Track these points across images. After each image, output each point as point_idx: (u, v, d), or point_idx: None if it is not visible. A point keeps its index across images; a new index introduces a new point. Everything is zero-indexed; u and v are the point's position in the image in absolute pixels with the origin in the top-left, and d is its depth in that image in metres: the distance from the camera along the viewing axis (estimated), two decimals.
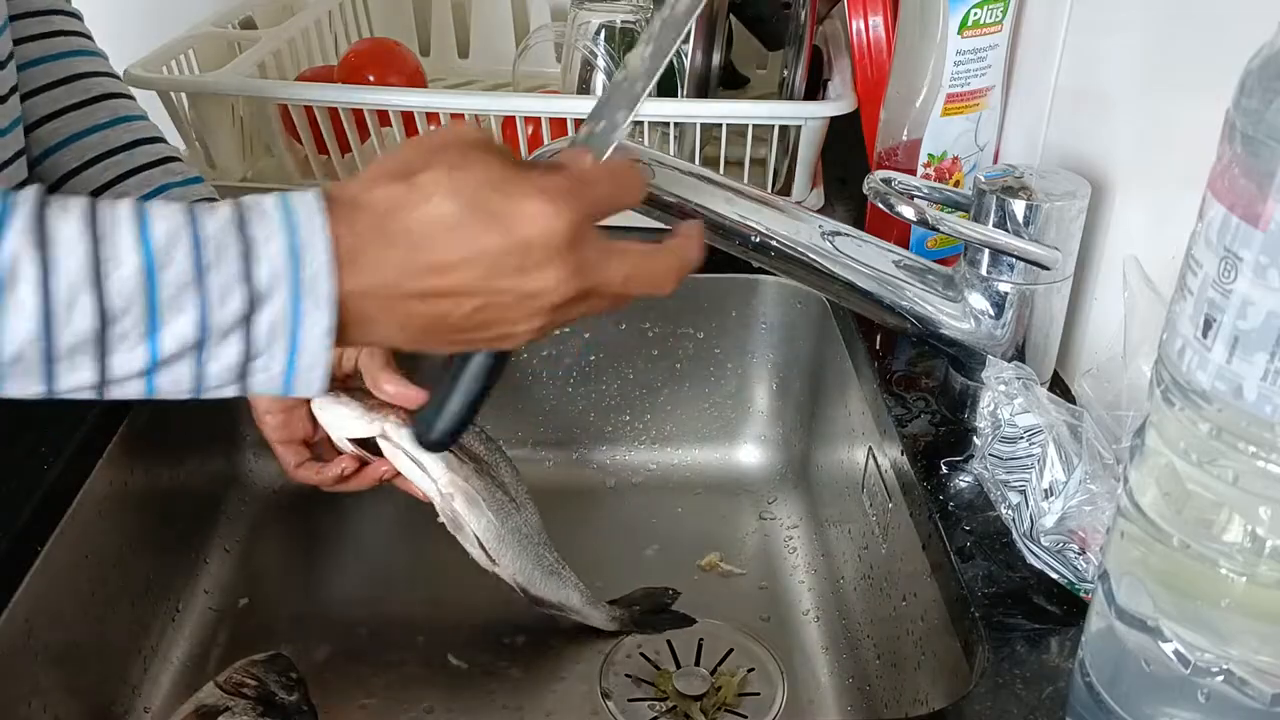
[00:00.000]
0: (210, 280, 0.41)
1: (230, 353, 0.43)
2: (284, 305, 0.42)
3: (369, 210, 0.44)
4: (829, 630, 0.80)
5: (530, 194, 0.44)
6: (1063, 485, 0.55)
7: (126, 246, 0.40)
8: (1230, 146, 0.36)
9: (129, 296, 0.40)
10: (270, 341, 0.43)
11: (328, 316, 0.43)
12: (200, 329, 0.41)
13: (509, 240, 0.44)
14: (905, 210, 0.63)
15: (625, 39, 0.92)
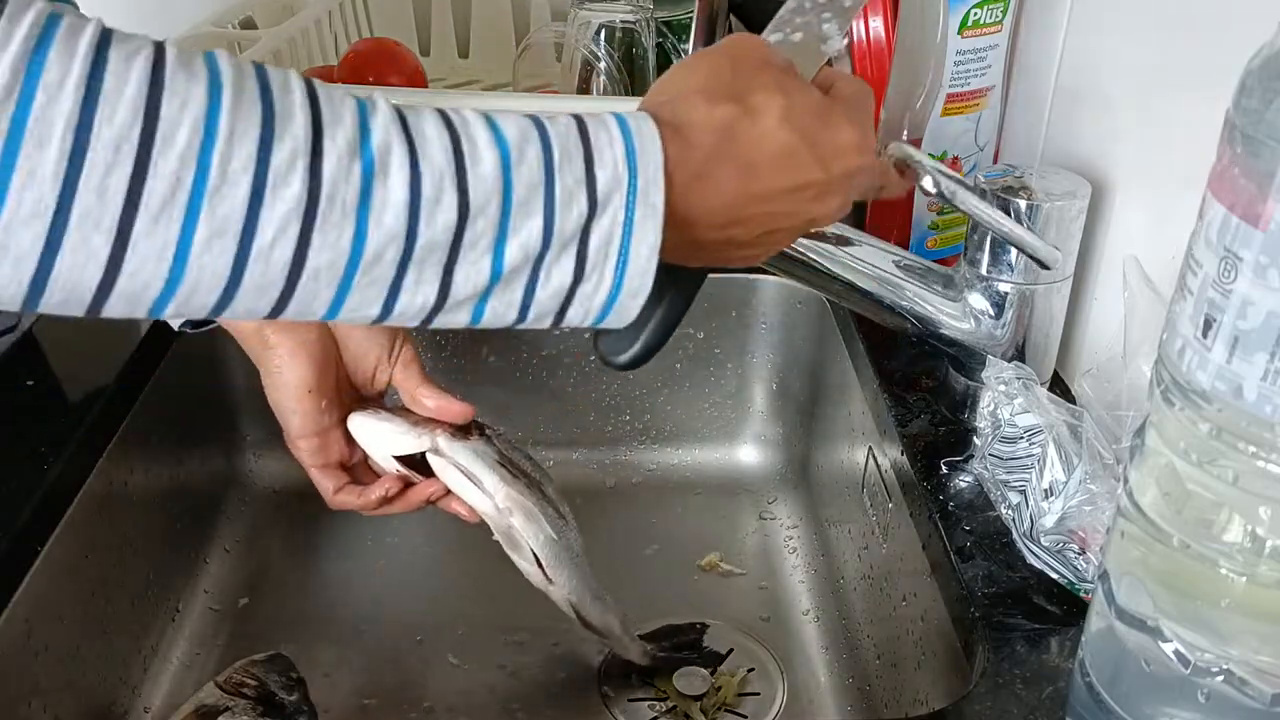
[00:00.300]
0: (557, 182, 0.40)
1: (564, 271, 0.41)
2: (619, 214, 0.41)
3: (703, 130, 0.43)
4: (829, 630, 0.80)
5: (844, 127, 0.45)
6: (1063, 485, 0.55)
7: (484, 142, 0.39)
8: (1230, 146, 0.36)
9: (487, 193, 0.39)
10: (601, 258, 0.41)
11: (656, 232, 0.41)
12: (544, 237, 0.40)
13: (828, 176, 0.45)
14: (925, 181, 0.62)
15: (625, 39, 0.92)
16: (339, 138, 0.36)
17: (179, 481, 0.82)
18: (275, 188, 0.35)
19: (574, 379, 0.95)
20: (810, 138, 0.44)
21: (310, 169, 0.35)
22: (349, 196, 0.36)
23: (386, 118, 0.38)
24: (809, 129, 0.44)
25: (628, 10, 0.92)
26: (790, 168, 0.44)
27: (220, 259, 0.35)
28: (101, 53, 0.34)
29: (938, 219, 0.82)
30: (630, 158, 0.41)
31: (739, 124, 0.43)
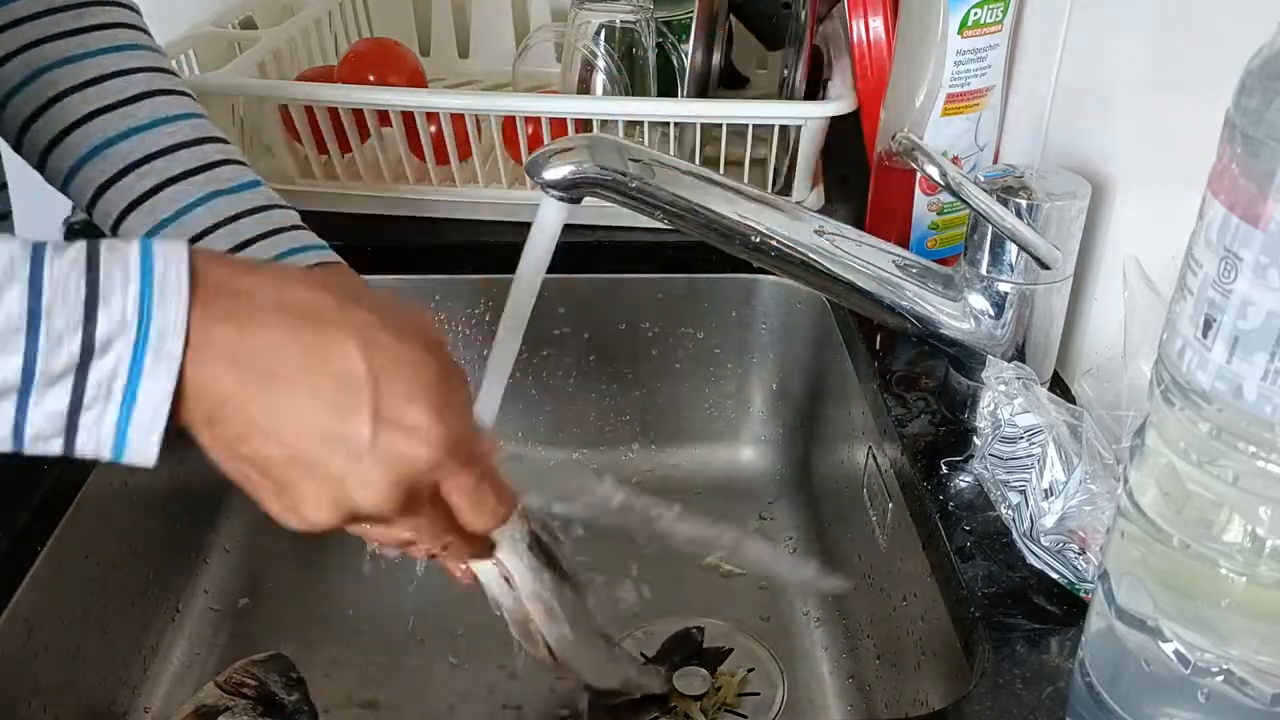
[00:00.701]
0: (42, 326, 0.37)
1: (57, 400, 0.38)
2: (124, 357, 0.38)
3: (236, 302, 0.39)
4: (829, 630, 0.80)
5: (414, 403, 0.41)
6: (1063, 485, 0.55)
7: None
8: (1230, 146, 0.36)
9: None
10: (103, 394, 0.38)
11: (170, 379, 0.38)
12: (23, 374, 0.37)
13: (373, 439, 0.40)
14: (931, 169, 0.62)
15: (625, 39, 0.92)
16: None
17: (179, 481, 0.82)
18: None
19: (574, 379, 0.95)
20: (380, 381, 0.40)
21: None
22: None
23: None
24: (384, 370, 0.40)
25: (628, 10, 0.92)
26: (341, 403, 0.40)
27: None
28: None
29: (938, 219, 0.82)
30: (145, 301, 0.38)
31: (314, 314, 0.40)
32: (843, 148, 0.95)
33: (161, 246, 0.39)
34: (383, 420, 0.40)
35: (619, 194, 0.57)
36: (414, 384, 0.41)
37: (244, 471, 0.42)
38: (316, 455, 0.40)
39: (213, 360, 0.39)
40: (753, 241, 0.61)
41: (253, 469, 0.42)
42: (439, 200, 0.92)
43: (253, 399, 0.39)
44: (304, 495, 0.42)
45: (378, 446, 0.40)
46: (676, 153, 0.91)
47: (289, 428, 0.40)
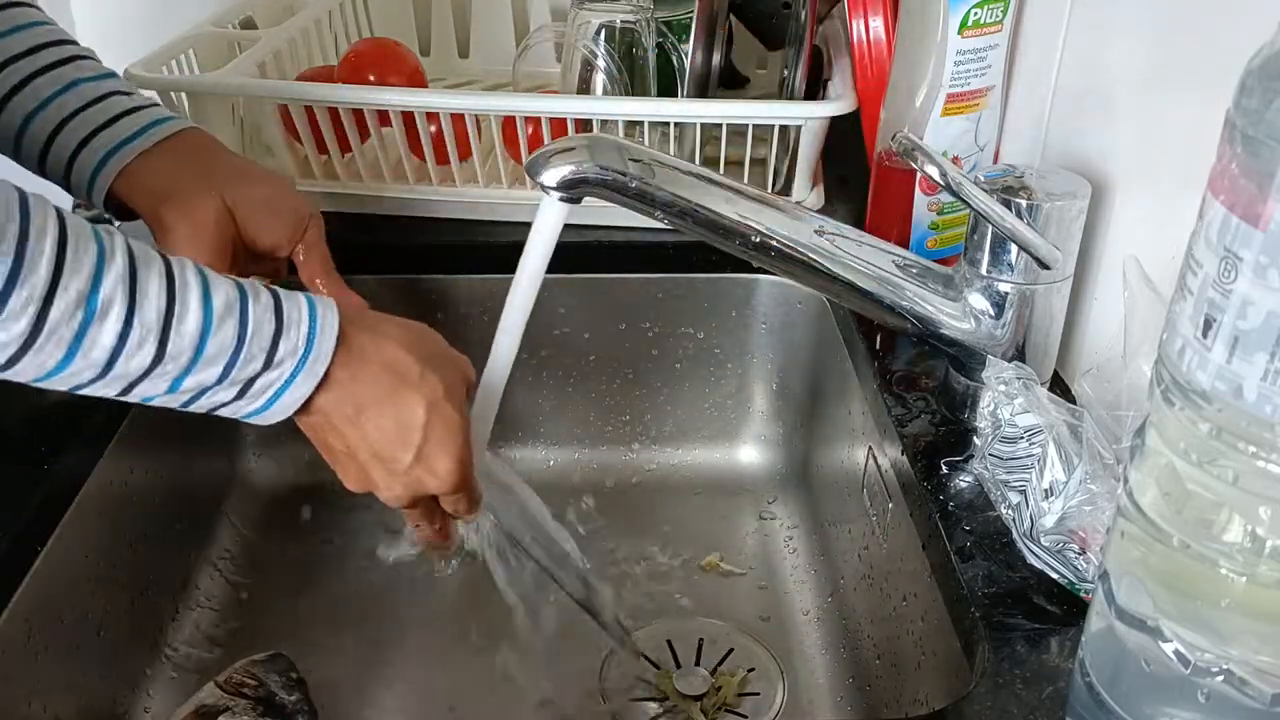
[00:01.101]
0: (244, 350, 0.50)
1: (226, 394, 0.52)
2: (285, 372, 0.52)
3: (376, 352, 0.55)
4: (829, 630, 0.80)
5: (446, 455, 0.58)
6: (1063, 485, 0.55)
7: (193, 308, 0.48)
8: (1230, 146, 0.36)
9: (183, 349, 0.48)
10: (259, 394, 0.52)
11: (309, 388, 0.53)
12: (218, 379, 0.50)
13: (406, 472, 0.58)
14: (931, 169, 0.62)
15: (625, 39, 0.92)
16: (71, 288, 0.45)
17: (179, 481, 0.82)
18: (4, 323, 0.43)
19: (574, 379, 0.95)
20: (429, 434, 0.57)
21: (39, 314, 0.44)
22: (66, 335, 0.45)
23: (119, 272, 0.46)
24: (434, 427, 0.57)
25: (628, 10, 0.92)
26: (400, 439, 0.56)
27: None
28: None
29: (938, 219, 0.82)
30: (311, 336, 0.52)
31: (403, 375, 0.56)
32: (843, 148, 0.95)
33: (321, 303, 0.54)
34: (420, 459, 0.57)
35: (619, 194, 0.57)
36: (450, 443, 0.57)
37: (324, 447, 0.58)
38: (370, 463, 0.57)
39: (333, 388, 0.54)
40: (753, 241, 0.61)
41: (329, 450, 0.58)
42: (439, 200, 0.92)
43: (345, 419, 0.55)
44: (346, 472, 0.59)
45: (410, 474, 0.58)
46: (676, 153, 0.91)
47: (363, 440, 0.56)
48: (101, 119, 0.66)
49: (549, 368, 0.94)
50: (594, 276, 0.91)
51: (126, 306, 0.46)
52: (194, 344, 0.49)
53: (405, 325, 0.59)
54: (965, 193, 0.62)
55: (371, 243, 0.91)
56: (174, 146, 0.67)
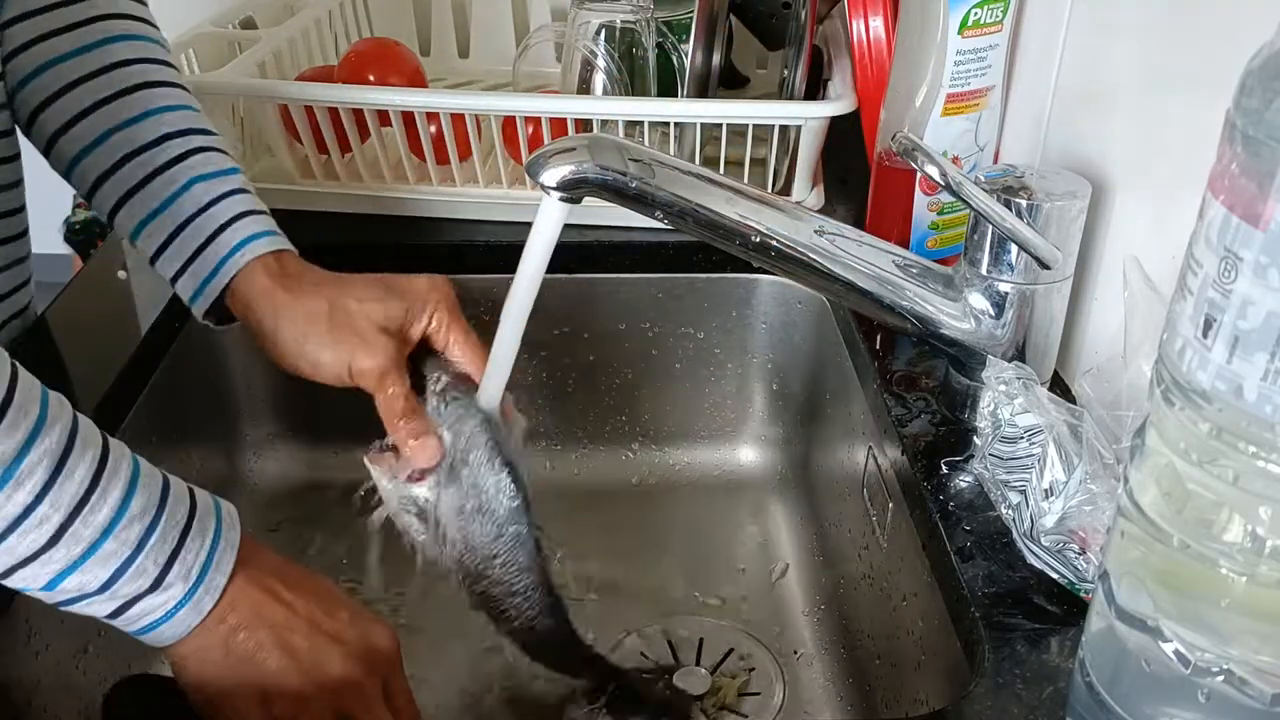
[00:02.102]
0: (138, 559, 0.49)
1: (103, 608, 0.50)
2: (172, 599, 0.50)
3: (258, 592, 0.53)
4: (829, 630, 0.80)
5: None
6: (1063, 485, 0.55)
7: (110, 503, 0.48)
8: (1230, 146, 0.36)
9: (80, 542, 0.47)
10: (138, 615, 0.50)
11: (198, 617, 0.51)
12: (101, 587, 0.48)
13: None
14: (931, 169, 0.62)
15: (625, 39, 0.92)
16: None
17: None
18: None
19: (574, 379, 0.95)
20: (310, 677, 0.53)
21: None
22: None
23: (52, 445, 0.46)
24: (314, 671, 0.54)
25: (628, 10, 0.92)
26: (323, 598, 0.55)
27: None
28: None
29: (938, 219, 0.82)
30: (206, 565, 0.51)
31: (266, 635, 0.53)
32: (843, 148, 0.95)
33: (227, 531, 0.52)
34: (357, 621, 0.56)
35: (619, 194, 0.57)
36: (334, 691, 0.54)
37: (229, 666, 0.53)
38: (312, 637, 0.54)
39: (231, 613, 0.52)
40: (753, 241, 0.61)
41: (242, 663, 0.53)
42: (439, 200, 0.92)
43: (273, 588, 0.54)
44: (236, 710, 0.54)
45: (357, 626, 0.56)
46: (677, 153, 0.91)
47: (295, 612, 0.54)
48: (202, 235, 0.66)
49: (549, 368, 0.94)
50: (594, 276, 0.91)
51: (46, 478, 0.46)
52: (95, 537, 0.47)
53: (303, 582, 0.56)
54: (965, 193, 0.62)
55: (371, 243, 0.90)
56: (269, 263, 0.67)
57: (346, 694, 0.54)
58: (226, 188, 0.67)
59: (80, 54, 0.66)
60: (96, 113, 0.66)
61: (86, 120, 0.66)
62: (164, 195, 0.66)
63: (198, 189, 0.66)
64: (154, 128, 0.67)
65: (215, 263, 0.66)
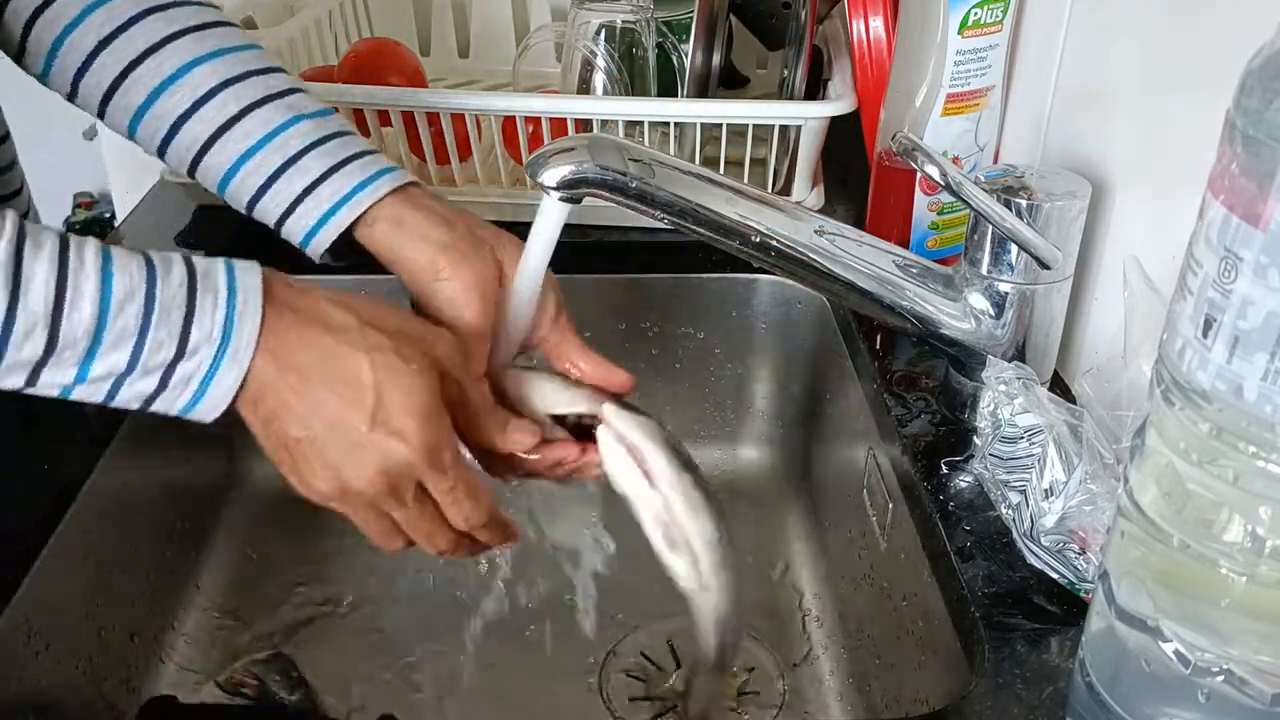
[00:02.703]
0: (150, 334, 0.47)
1: (147, 384, 0.48)
2: (205, 362, 0.48)
3: (292, 319, 0.50)
4: (829, 630, 0.80)
5: (408, 413, 0.51)
6: (1063, 485, 0.55)
7: (89, 292, 0.46)
8: (1230, 146, 0.36)
9: (77, 336, 0.46)
10: (182, 386, 0.49)
11: (236, 378, 0.49)
12: (128, 364, 0.47)
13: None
14: (931, 169, 0.62)
15: (625, 39, 0.92)
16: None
17: (179, 482, 0.82)
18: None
19: None
20: (381, 392, 0.51)
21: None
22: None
23: (2, 256, 0.44)
24: (384, 383, 0.51)
25: (628, 10, 0.92)
26: (349, 402, 0.50)
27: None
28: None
29: (938, 219, 0.82)
30: (229, 322, 0.49)
31: (339, 331, 0.51)
32: (843, 148, 0.95)
33: (243, 280, 0.49)
34: (378, 422, 0.50)
35: (619, 194, 0.57)
36: (407, 400, 0.51)
37: (272, 444, 0.52)
38: (325, 439, 0.51)
39: (268, 363, 0.49)
40: (753, 241, 0.61)
41: (279, 444, 0.51)
42: None
43: (289, 389, 0.50)
44: (313, 469, 0.51)
45: (371, 440, 0.51)
46: (677, 153, 0.91)
47: (310, 414, 0.50)
48: (328, 163, 0.61)
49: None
50: (594, 276, 0.91)
51: (8, 294, 0.44)
52: (90, 329, 0.46)
53: (350, 296, 0.53)
54: (965, 193, 0.62)
55: None
56: (418, 198, 0.61)
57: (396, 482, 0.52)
58: (336, 126, 0.62)
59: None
60: (160, 52, 0.60)
61: (151, 60, 0.60)
62: (264, 132, 0.60)
63: (306, 125, 0.61)
64: (234, 65, 0.61)
65: (358, 182, 0.60)
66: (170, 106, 0.61)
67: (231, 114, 0.60)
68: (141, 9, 0.61)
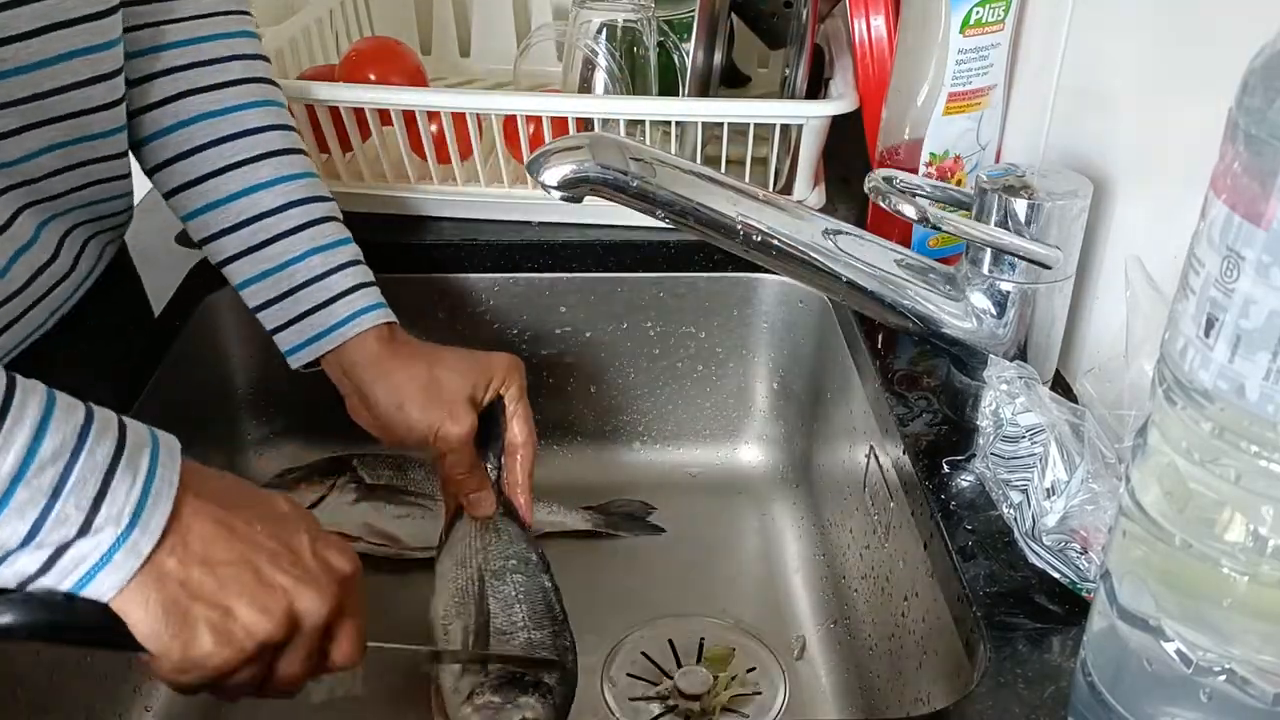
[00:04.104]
0: (58, 504, 0.45)
1: (31, 562, 0.45)
2: (103, 545, 0.46)
3: (208, 511, 0.50)
4: (830, 630, 0.80)
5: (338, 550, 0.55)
6: (1065, 484, 0.55)
7: (17, 446, 0.44)
8: (1233, 145, 0.36)
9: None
10: (70, 568, 0.46)
11: (130, 570, 0.47)
12: (25, 538, 0.45)
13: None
14: (906, 209, 0.63)
15: (627, 38, 0.92)
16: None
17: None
18: None
19: (574, 378, 0.95)
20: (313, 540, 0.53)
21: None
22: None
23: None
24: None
25: (629, 9, 0.92)
26: (281, 527, 0.53)
27: None
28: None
29: None
30: (140, 504, 0.47)
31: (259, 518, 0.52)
32: (844, 147, 0.95)
33: (163, 467, 0.48)
34: (317, 549, 0.54)
35: (620, 193, 0.57)
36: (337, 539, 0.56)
37: (180, 606, 0.49)
38: (267, 571, 0.51)
39: (179, 550, 0.48)
40: (754, 241, 0.61)
41: (194, 600, 0.49)
42: (440, 199, 0.92)
43: (219, 521, 0.50)
44: (245, 607, 0.50)
45: (314, 565, 0.53)
46: (678, 152, 0.91)
47: (252, 542, 0.51)
48: (315, 300, 0.71)
49: (550, 367, 0.94)
50: (595, 276, 0.91)
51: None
52: (5, 484, 0.44)
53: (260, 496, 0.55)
54: (949, 226, 0.62)
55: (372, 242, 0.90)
56: (373, 338, 0.71)
57: (306, 622, 0.52)
58: (342, 259, 0.72)
59: (214, 117, 0.70)
60: (225, 175, 0.70)
61: (215, 180, 0.70)
62: (281, 259, 0.70)
63: (315, 260, 0.71)
64: (279, 196, 0.71)
65: (328, 325, 0.71)
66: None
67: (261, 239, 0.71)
68: None
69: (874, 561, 0.75)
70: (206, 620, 0.49)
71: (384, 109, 0.88)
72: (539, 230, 0.91)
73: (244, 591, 0.50)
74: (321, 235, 0.72)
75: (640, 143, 0.61)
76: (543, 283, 0.91)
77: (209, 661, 0.49)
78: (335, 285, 0.71)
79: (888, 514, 0.72)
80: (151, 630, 0.48)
